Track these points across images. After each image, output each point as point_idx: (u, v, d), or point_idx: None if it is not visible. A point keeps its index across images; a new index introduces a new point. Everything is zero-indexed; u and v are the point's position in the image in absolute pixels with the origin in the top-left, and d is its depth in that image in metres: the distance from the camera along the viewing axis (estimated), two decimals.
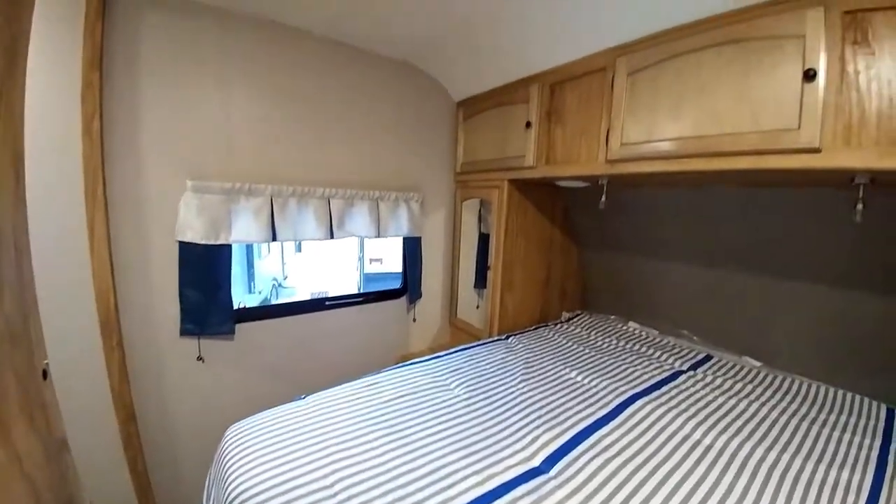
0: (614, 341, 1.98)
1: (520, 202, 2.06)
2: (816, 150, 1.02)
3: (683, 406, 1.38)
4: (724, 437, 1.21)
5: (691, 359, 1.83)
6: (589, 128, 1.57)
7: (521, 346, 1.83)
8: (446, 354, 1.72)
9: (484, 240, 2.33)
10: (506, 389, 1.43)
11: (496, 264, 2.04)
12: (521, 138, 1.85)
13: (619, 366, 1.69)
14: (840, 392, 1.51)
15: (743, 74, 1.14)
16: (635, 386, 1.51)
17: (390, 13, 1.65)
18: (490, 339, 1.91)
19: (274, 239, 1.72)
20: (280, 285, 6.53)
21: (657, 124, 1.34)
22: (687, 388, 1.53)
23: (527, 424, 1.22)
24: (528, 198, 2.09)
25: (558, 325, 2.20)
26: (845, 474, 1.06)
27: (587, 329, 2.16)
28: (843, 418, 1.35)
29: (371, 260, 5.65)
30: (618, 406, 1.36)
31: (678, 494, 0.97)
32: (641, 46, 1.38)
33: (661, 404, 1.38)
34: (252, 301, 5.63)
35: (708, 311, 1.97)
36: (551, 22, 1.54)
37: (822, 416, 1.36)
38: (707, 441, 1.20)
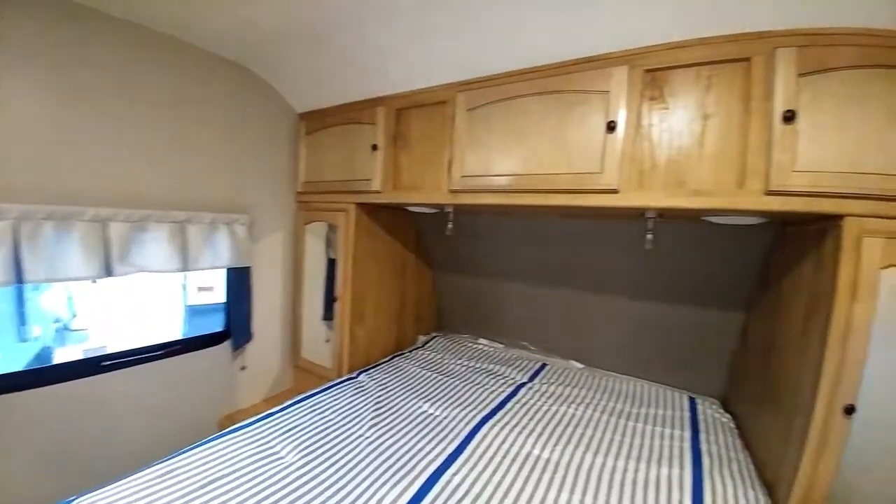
0: (466, 362, 2.02)
1: (369, 226, 1.94)
2: (615, 191, 1.20)
3: (524, 422, 1.45)
4: (559, 449, 1.29)
5: (530, 369, 1.99)
6: (433, 157, 1.57)
7: (372, 382, 1.69)
8: (280, 410, 1.45)
9: (333, 266, 2.12)
10: (351, 442, 1.27)
11: (344, 294, 1.86)
12: (368, 161, 1.75)
13: (470, 388, 1.71)
14: (646, 385, 1.83)
15: (559, 122, 1.28)
16: (483, 409, 1.53)
17: None
18: (338, 381, 1.71)
19: (20, 281, 1.20)
20: (66, 328, 4.85)
21: (492, 160, 1.41)
22: (526, 402, 1.62)
23: (372, 483, 1.08)
24: (379, 221, 1.99)
25: (414, 352, 2.14)
26: (665, 470, 1.21)
27: (441, 352, 2.16)
28: (653, 410, 1.60)
29: (199, 289, 4.66)
30: (468, 435, 1.34)
31: None
32: (478, 85, 1.45)
33: (505, 424, 1.42)
34: (27, 353, 4.05)
35: (542, 323, 2.19)
36: (396, 49, 1.50)
37: (635, 410, 1.59)
38: (545, 455, 1.26)
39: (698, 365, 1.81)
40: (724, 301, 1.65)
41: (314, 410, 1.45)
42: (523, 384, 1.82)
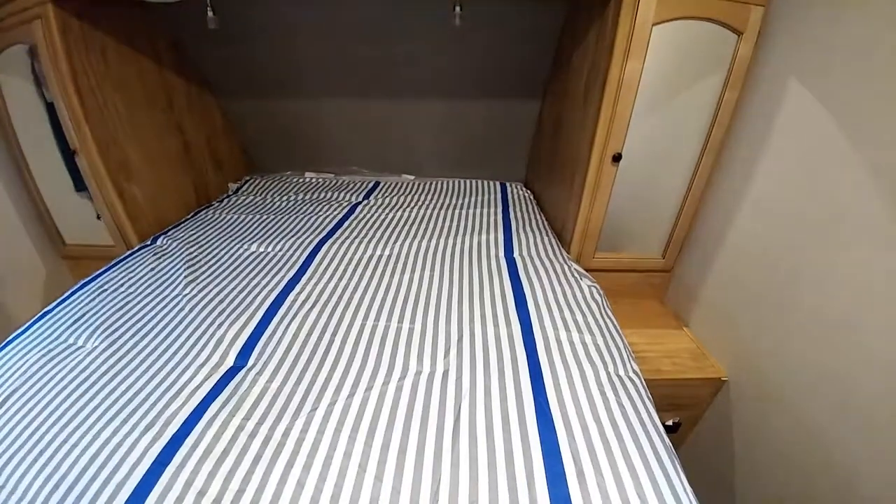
0: (293, 196, 1.85)
1: (87, 37, 1.26)
2: None
3: (364, 233, 1.47)
4: (397, 245, 1.38)
5: (364, 189, 1.96)
6: None
7: (177, 242, 1.40)
8: (59, 304, 1.11)
9: (55, 113, 1.43)
10: (166, 306, 1.08)
11: (84, 145, 1.32)
12: None
13: (301, 219, 1.59)
14: (467, 181, 2.03)
15: None
16: (319, 233, 1.47)
17: None
18: (128, 253, 1.37)
19: None
20: None
21: None
22: (364, 216, 1.63)
23: (206, 330, 0.98)
24: (101, 27, 1.31)
25: (225, 201, 1.83)
26: (485, 236, 1.43)
27: (261, 194, 1.90)
28: (474, 198, 1.82)
29: None
30: (306, 259, 1.29)
31: (374, 310, 1.05)
32: None
33: (345, 239, 1.41)
34: None
35: (368, 141, 2.07)
36: None
37: (460, 202, 1.78)
38: (386, 252, 1.34)
39: (505, 157, 2.05)
40: (523, 91, 1.76)
41: (105, 290, 1.16)
42: (359, 203, 1.79)
